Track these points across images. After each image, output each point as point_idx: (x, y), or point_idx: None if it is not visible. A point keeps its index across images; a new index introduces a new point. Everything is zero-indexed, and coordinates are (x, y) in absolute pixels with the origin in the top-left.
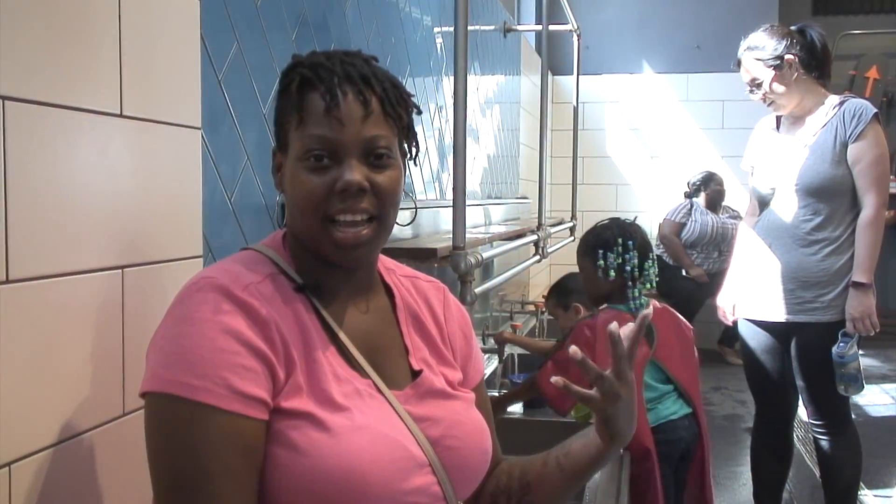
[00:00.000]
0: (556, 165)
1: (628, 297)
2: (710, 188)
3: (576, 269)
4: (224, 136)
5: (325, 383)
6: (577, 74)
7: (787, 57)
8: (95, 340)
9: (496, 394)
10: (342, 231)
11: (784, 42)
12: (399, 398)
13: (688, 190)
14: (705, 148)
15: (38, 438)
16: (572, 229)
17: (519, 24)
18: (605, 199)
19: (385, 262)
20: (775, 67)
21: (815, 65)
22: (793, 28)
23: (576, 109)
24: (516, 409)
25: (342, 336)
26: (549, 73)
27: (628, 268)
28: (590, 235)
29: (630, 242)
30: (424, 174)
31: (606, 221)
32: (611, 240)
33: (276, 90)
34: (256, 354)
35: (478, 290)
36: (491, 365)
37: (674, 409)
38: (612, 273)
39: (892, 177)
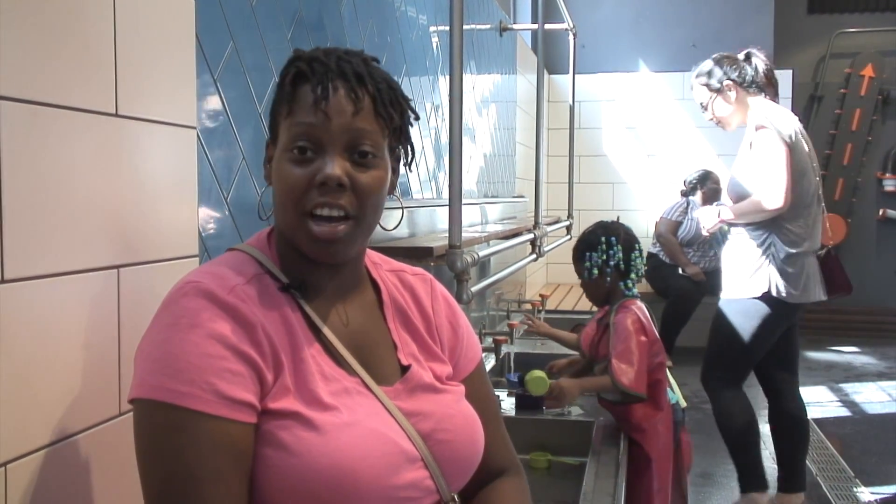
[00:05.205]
0: (552, 164)
1: (621, 291)
2: (706, 186)
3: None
4: (219, 135)
5: (312, 383)
6: (574, 73)
7: (726, 82)
8: (91, 340)
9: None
10: (319, 225)
11: (724, 69)
12: (388, 394)
13: (684, 188)
14: (702, 146)
15: (34, 439)
16: (569, 228)
17: (515, 23)
18: (602, 197)
19: (371, 257)
20: (717, 91)
21: (757, 87)
22: (739, 56)
23: (572, 108)
24: (509, 408)
25: (328, 334)
26: (546, 71)
27: (613, 262)
28: (577, 243)
29: (613, 238)
30: (421, 173)
31: (591, 227)
32: (594, 241)
33: (276, 83)
34: (243, 358)
35: (474, 288)
36: (488, 363)
37: (669, 393)
38: (596, 271)
39: (888, 174)
